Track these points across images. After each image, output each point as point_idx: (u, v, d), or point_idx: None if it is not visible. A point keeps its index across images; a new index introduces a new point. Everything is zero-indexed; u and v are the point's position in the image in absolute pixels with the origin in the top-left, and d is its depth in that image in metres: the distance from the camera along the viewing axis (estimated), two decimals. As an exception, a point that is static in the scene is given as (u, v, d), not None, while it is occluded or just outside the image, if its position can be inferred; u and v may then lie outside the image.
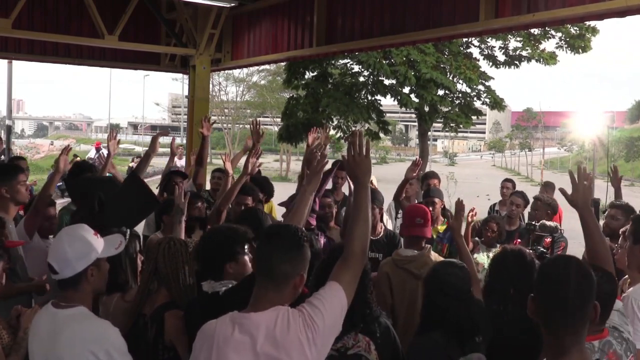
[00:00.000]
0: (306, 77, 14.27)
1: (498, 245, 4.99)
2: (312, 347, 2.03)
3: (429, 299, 2.87)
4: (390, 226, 5.55)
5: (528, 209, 6.01)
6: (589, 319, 1.88)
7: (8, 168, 4.31)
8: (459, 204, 3.97)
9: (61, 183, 7.04)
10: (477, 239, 5.09)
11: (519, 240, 4.78)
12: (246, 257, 2.85)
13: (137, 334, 2.67)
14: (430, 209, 4.93)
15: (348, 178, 2.96)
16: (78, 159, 10.28)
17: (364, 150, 2.33)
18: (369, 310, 2.72)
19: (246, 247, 2.88)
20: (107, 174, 5.45)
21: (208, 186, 6.25)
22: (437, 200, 5.17)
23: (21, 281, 3.67)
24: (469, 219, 4.71)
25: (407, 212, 4.06)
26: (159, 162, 20.46)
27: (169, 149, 6.78)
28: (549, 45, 15.34)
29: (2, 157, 12.32)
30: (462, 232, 3.90)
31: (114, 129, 6.34)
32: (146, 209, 4.24)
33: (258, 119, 6.01)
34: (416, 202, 5.73)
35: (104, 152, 16.97)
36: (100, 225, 3.08)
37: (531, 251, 3.75)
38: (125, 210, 3.78)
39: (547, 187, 7.78)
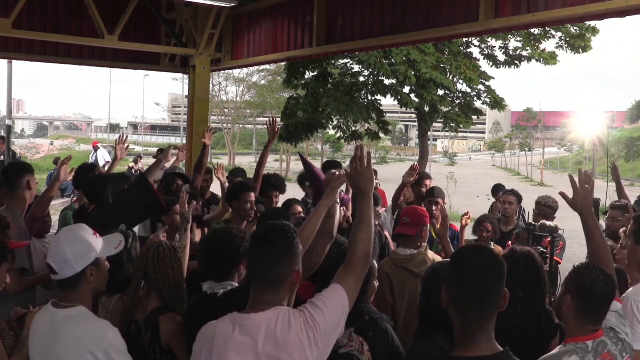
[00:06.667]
0: (306, 77, 14.23)
1: (493, 244, 5.00)
2: (313, 347, 2.03)
3: (428, 298, 2.85)
4: (387, 226, 5.57)
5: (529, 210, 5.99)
6: (498, 305, 1.99)
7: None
8: (443, 211, 4.09)
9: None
10: (471, 240, 5.10)
11: (509, 243, 4.77)
12: None
13: (129, 341, 2.66)
14: (434, 208, 4.97)
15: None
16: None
17: (365, 161, 2.40)
18: (361, 312, 2.72)
19: None
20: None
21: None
22: (440, 200, 5.18)
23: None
24: (463, 223, 4.74)
25: (401, 212, 4.14)
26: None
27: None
28: (549, 45, 15.35)
29: (2, 157, 12.32)
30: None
31: (123, 133, 6.45)
32: (149, 213, 4.24)
33: (276, 118, 6.07)
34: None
35: (103, 154, 16.94)
36: (105, 223, 3.09)
37: (531, 251, 3.73)
38: (127, 210, 3.79)
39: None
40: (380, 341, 2.74)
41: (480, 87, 15.02)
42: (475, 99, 15.23)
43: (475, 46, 15.34)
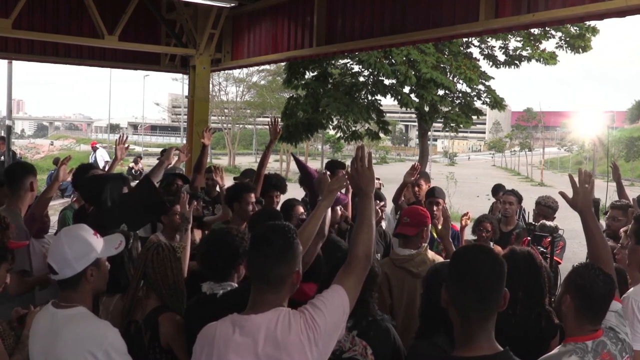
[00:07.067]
0: (306, 77, 14.23)
1: (492, 244, 5.00)
2: (313, 348, 2.03)
3: (429, 298, 2.85)
4: (390, 227, 5.57)
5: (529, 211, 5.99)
6: (498, 305, 1.99)
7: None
8: (445, 211, 4.10)
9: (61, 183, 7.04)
10: (470, 240, 5.10)
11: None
12: None
13: (129, 341, 2.66)
14: (434, 209, 4.97)
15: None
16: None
17: (366, 162, 2.41)
18: (364, 312, 2.72)
19: None
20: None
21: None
22: (441, 200, 5.19)
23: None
24: (463, 223, 4.74)
25: (402, 212, 4.15)
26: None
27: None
28: (549, 45, 15.33)
29: (2, 157, 12.32)
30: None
31: (123, 133, 6.46)
32: (149, 213, 4.24)
33: (277, 118, 6.05)
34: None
35: (102, 155, 16.93)
36: (104, 223, 3.09)
37: (531, 251, 3.73)
38: (127, 210, 3.78)
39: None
40: (382, 341, 2.73)
41: (480, 87, 15.03)
42: (475, 99, 15.24)
43: (475, 46, 15.35)
